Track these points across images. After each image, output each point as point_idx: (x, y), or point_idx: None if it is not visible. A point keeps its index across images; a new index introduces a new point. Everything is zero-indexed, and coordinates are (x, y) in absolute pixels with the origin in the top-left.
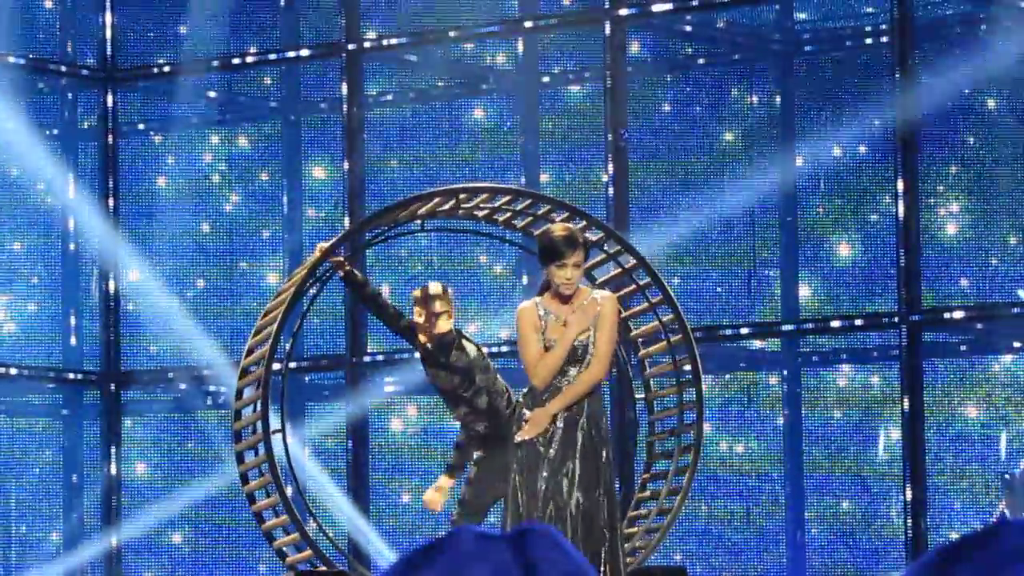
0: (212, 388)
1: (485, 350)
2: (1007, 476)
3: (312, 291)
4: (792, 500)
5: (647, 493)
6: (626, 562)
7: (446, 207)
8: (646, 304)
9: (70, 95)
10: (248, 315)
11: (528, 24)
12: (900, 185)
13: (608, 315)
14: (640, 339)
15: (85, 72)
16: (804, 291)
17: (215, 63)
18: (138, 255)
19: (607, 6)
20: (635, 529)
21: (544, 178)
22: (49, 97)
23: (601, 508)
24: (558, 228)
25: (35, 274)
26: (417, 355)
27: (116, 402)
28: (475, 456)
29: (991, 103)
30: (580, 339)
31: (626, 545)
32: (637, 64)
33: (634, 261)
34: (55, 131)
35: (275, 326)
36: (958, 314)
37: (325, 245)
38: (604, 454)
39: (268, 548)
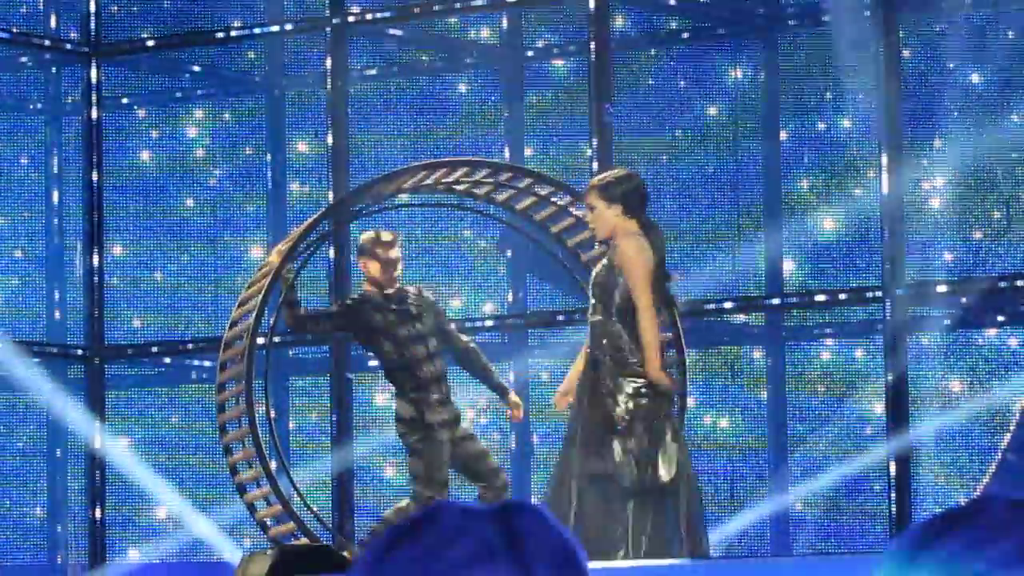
0: (196, 362)
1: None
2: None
3: (296, 264)
4: (776, 475)
5: None
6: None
7: (429, 181)
8: None
9: (54, 69)
10: (232, 289)
11: None
12: (884, 159)
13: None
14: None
15: (69, 46)
16: (788, 265)
17: (199, 37)
18: (122, 229)
19: None
20: None
21: (528, 152)
22: (33, 71)
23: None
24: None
25: (18, 247)
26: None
27: (100, 376)
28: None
29: (976, 77)
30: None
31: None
32: (622, 39)
33: None
34: (39, 105)
35: (259, 299)
36: (942, 288)
37: (283, 247)
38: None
39: (253, 523)
